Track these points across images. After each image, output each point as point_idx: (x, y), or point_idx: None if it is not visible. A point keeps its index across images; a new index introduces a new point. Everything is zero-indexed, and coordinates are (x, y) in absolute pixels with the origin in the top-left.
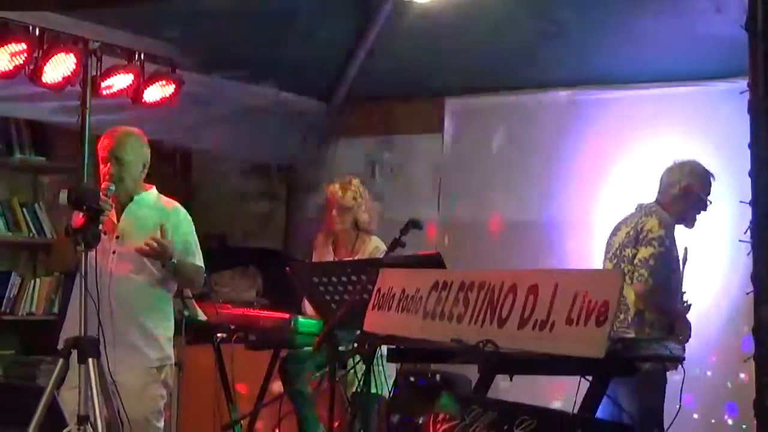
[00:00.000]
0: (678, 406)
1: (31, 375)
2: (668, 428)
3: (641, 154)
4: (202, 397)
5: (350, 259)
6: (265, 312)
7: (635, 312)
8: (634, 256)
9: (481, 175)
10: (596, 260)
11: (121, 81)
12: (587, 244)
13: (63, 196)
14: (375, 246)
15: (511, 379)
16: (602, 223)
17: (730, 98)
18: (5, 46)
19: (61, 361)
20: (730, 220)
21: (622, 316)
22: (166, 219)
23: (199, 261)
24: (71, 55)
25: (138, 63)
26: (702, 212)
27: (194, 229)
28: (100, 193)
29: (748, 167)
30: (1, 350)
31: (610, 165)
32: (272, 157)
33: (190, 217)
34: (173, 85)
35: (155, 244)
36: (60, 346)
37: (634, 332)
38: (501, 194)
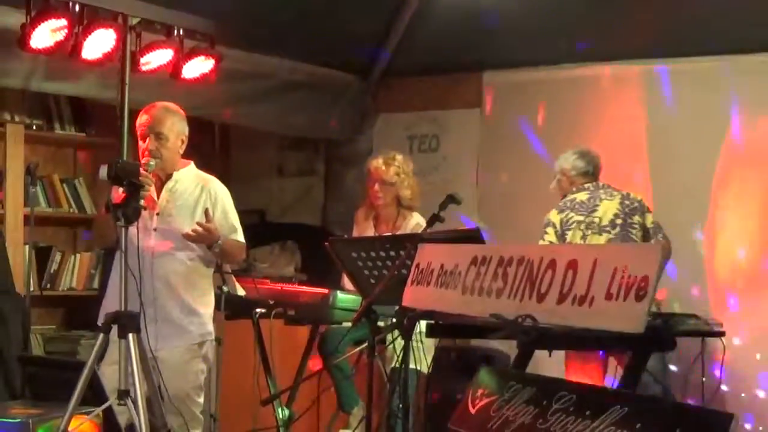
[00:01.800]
0: (703, 379)
1: (72, 350)
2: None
3: (685, 127)
4: (242, 372)
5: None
6: (304, 287)
7: None
8: (644, 222)
9: (520, 150)
10: None
11: (160, 57)
12: None
13: (103, 171)
14: (416, 222)
15: (550, 355)
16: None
17: None
18: (46, 22)
19: (101, 335)
20: None
21: None
22: (206, 196)
23: (240, 236)
24: (111, 30)
25: (177, 39)
26: None
27: (233, 203)
28: (141, 169)
29: None
30: (43, 325)
31: (651, 139)
32: (311, 132)
33: (228, 192)
34: (212, 61)
35: (201, 230)
36: (100, 321)
37: None
38: (539, 168)
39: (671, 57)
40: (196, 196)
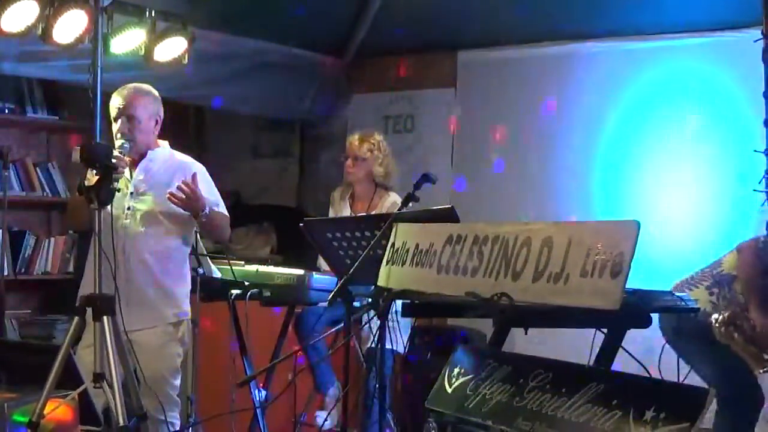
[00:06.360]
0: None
1: (47, 334)
2: None
3: (654, 105)
4: (218, 354)
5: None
6: (280, 268)
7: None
8: None
9: (494, 129)
10: None
11: (132, 38)
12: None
13: (75, 154)
14: (393, 201)
15: (526, 332)
16: (610, 174)
17: (743, 47)
18: (16, 4)
19: (76, 319)
20: (743, 169)
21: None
22: (181, 173)
23: (224, 210)
24: (82, 12)
25: (149, 20)
26: None
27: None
28: (115, 151)
29: (762, 116)
30: (18, 310)
31: (623, 116)
32: (285, 113)
33: (206, 170)
34: (185, 42)
35: (187, 189)
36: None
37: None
38: (514, 147)
39: (644, 34)
40: (171, 173)
